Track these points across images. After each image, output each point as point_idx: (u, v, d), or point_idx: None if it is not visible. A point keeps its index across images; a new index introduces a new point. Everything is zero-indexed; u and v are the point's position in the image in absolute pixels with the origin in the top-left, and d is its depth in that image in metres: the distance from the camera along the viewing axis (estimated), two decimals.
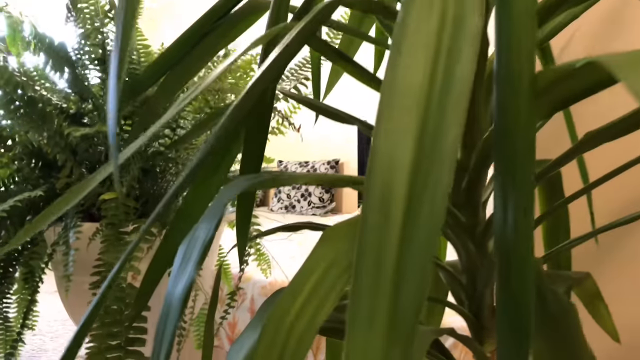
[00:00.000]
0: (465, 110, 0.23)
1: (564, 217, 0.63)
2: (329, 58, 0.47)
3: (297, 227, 0.45)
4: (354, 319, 0.21)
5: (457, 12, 0.25)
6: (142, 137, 0.36)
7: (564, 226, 0.63)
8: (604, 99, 0.58)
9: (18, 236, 0.34)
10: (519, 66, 0.28)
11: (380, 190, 0.23)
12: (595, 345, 0.72)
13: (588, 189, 0.55)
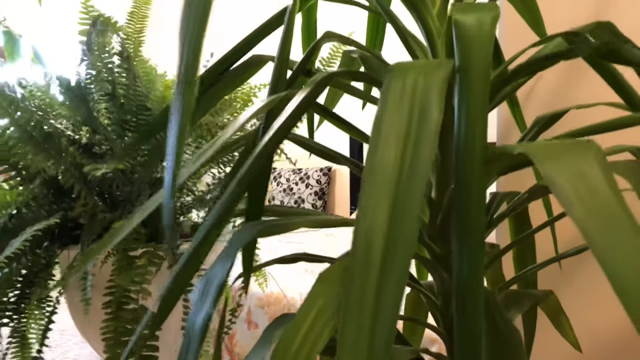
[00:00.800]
0: (425, 185, 0.31)
1: (530, 244, 0.71)
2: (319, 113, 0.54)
3: (294, 259, 0.52)
4: (343, 345, 0.28)
5: (422, 108, 0.33)
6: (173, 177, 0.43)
7: (531, 251, 0.71)
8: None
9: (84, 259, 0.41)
10: (473, 141, 0.36)
11: (364, 248, 0.30)
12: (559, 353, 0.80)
13: (551, 222, 0.63)
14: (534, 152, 0.30)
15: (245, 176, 0.40)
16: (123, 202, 0.80)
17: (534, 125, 0.59)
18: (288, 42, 0.52)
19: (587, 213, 0.27)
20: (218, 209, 0.41)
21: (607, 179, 0.28)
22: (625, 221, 0.26)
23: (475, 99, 0.36)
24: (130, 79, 0.81)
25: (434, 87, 0.34)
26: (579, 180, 0.28)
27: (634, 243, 0.25)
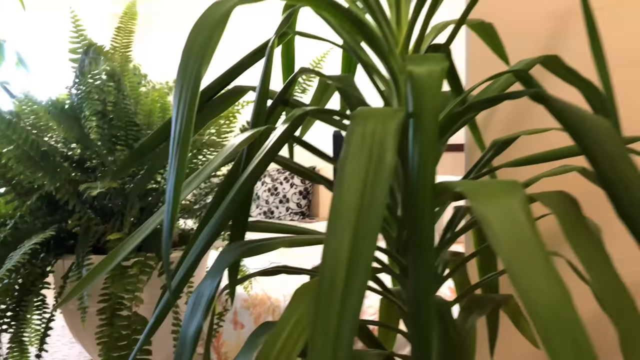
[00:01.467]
0: (382, 218, 0.37)
1: (492, 252, 0.78)
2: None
3: (275, 271, 0.58)
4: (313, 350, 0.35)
5: (379, 152, 0.39)
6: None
7: (493, 259, 0.78)
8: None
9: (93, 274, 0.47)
10: (424, 176, 0.42)
11: (330, 271, 0.36)
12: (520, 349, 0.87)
13: None
14: (469, 191, 0.37)
15: (230, 205, 0.46)
16: (115, 213, 0.85)
17: (490, 148, 0.66)
18: (267, 76, 0.58)
19: (509, 247, 0.33)
20: (206, 233, 0.47)
21: (528, 218, 0.35)
22: (539, 255, 0.33)
23: (426, 140, 0.42)
24: (120, 98, 0.86)
25: (389, 134, 0.40)
26: (504, 219, 0.35)
27: (544, 274, 0.32)
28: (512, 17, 0.91)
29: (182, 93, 0.31)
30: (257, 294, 1.47)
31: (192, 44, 0.32)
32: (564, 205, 0.42)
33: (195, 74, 0.31)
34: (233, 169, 0.60)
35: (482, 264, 0.80)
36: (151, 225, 0.49)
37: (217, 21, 0.33)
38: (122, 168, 0.69)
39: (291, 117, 0.52)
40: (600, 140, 0.41)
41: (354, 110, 0.68)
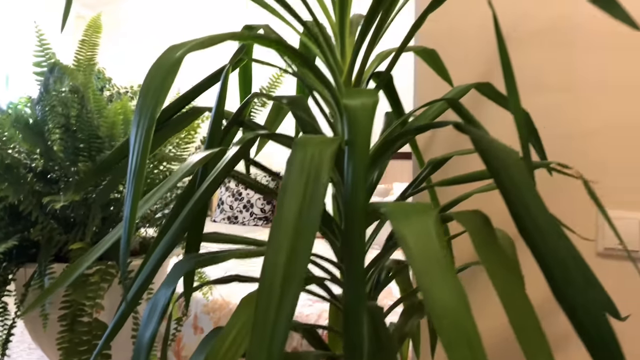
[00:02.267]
0: (316, 231, 0.43)
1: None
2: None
3: (229, 280, 0.63)
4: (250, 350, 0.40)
5: (315, 176, 0.45)
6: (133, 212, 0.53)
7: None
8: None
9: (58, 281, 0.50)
10: (356, 198, 0.48)
11: (268, 281, 0.41)
12: None
13: (449, 240, 0.77)
14: (391, 213, 0.43)
15: (185, 219, 0.51)
16: (78, 223, 0.88)
17: (427, 167, 0.73)
18: (222, 100, 0.63)
19: (420, 264, 0.39)
20: (163, 244, 0.51)
21: (438, 239, 0.41)
22: (445, 271, 0.39)
23: (358, 167, 0.48)
24: (83, 112, 0.89)
25: (325, 160, 0.46)
26: (418, 239, 0.41)
27: (448, 288, 0.38)
28: (457, 44, 0.99)
29: (138, 132, 0.36)
30: (217, 299, 1.51)
31: (147, 89, 0.37)
32: (477, 224, 0.48)
33: (149, 116, 0.36)
34: (190, 185, 0.65)
35: None
36: (112, 237, 0.53)
37: (169, 68, 0.38)
38: (84, 182, 0.73)
39: (242, 140, 0.57)
40: (508, 169, 0.47)
41: (306, 128, 0.74)
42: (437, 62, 0.92)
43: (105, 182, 0.87)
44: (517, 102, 0.52)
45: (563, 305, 0.44)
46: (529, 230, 0.45)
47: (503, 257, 0.47)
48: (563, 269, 0.44)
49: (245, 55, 0.71)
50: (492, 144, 0.49)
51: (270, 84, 1.01)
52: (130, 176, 0.36)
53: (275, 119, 0.81)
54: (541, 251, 0.44)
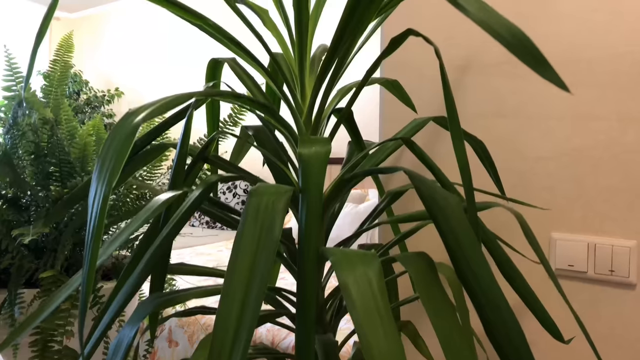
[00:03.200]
0: (267, 283, 0.46)
1: (394, 285, 0.89)
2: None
3: (192, 312, 0.66)
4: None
5: (269, 226, 0.48)
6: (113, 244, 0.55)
7: (394, 290, 0.89)
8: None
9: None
10: (309, 241, 0.51)
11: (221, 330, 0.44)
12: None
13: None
14: (336, 262, 0.46)
15: (147, 264, 0.53)
16: (48, 250, 0.90)
17: (385, 198, 0.76)
18: (186, 139, 0.66)
19: (360, 313, 0.43)
20: (128, 285, 0.54)
21: (379, 287, 0.44)
22: (383, 320, 0.43)
23: (310, 214, 0.51)
24: (54, 140, 0.90)
25: (278, 211, 0.49)
26: (359, 289, 0.44)
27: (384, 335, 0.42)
28: (418, 74, 1.03)
29: (95, 200, 0.38)
30: None
31: (105, 156, 0.39)
32: (419, 267, 0.52)
33: (106, 184, 0.38)
34: (154, 222, 0.67)
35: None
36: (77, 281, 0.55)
37: (127, 136, 0.40)
38: (53, 214, 0.75)
39: (205, 182, 0.60)
40: (447, 216, 0.51)
41: (269, 161, 0.76)
42: (400, 91, 0.96)
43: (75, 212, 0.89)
44: (462, 151, 0.56)
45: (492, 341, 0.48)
46: (464, 275, 0.49)
47: (443, 299, 0.50)
48: (495, 311, 0.48)
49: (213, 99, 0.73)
50: (432, 191, 0.53)
51: (237, 111, 1.04)
52: (89, 240, 0.38)
53: (240, 151, 0.84)
54: (477, 297, 0.48)
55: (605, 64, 0.86)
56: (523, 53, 0.51)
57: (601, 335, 0.86)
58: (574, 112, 0.88)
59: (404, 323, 0.87)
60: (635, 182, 0.84)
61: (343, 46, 0.63)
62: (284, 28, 0.65)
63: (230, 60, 0.80)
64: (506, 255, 0.64)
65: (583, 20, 0.88)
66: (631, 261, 0.84)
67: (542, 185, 0.91)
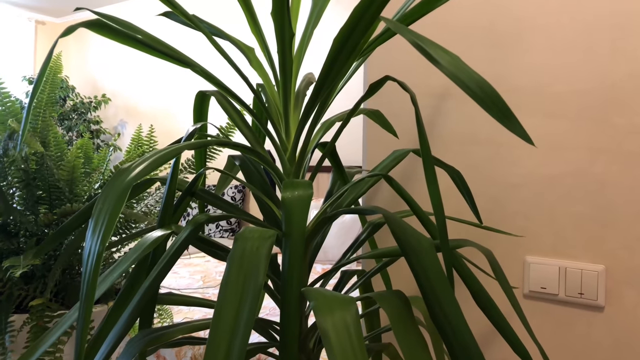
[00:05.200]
0: (251, 328, 0.49)
1: (376, 312, 0.92)
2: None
3: (179, 343, 0.68)
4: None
5: (251, 272, 0.51)
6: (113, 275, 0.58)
7: (376, 316, 0.93)
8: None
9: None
10: (292, 280, 0.54)
11: None
12: None
13: None
14: (316, 308, 0.50)
15: (137, 306, 0.56)
16: (38, 277, 0.92)
17: (366, 229, 0.80)
18: (174, 181, 0.69)
19: (338, 357, 0.46)
20: (119, 326, 0.57)
21: (355, 332, 0.47)
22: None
23: (292, 257, 0.55)
24: (43, 167, 0.93)
25: (262, 257, 0.52)
26: (337, 334, 0.47)
27: None
28: (401, 103, 1.07)
29: (89, 258, 0.41)
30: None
31: (99, 214, 0.42)
32: (395, 307, 0.55)
33: (100, 241, 0.41)
34: (142, 260, 0.70)
35: (369, 322, 0.94)
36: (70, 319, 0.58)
37: (120, 194, 0.43)
38: (45, 245, 0.77)
39: (194, 222, 0.63)
40: (419, 257, 0.55)
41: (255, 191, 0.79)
42: (382, 119, 1.00)
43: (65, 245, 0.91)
44: (436, 192, 0.59)
45: None
46: (436, 315, 0.52)
47: (416, 336, 0.54)
48: (464, 351, 0.51)
49: (200, 131, 0.76)
50: (406, 233, 0.56)
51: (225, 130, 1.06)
52: (83, 292, 0.41)
53: (225, 180, 0.87)
54: (447, 336, 0.52)
55: (576, 97, 0.90)
56: (491, 107, 0.54)
57: (571, 355, 0.90)
58: (544, 142, 0.93)
59: (385, 345, 0.90)
60: (603, 210, 0.88)
61: (326, 90, 0.67)
62: (269, 67, 0.68)
63: (217, 93, 0.83)
64: (480, 285, 0.68)
65: (556, 55, 0.92)
66: (599, 285, 0.88)
67: (516, 211, 0.95)
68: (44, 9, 5.55)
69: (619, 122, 0.87)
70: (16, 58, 5.40)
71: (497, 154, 0.97)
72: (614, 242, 0.88)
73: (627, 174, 0.86)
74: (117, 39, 0.62)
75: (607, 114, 0.88)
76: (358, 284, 0.84)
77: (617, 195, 0.87)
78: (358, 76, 3.29)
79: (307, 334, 0.73)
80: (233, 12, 4.08)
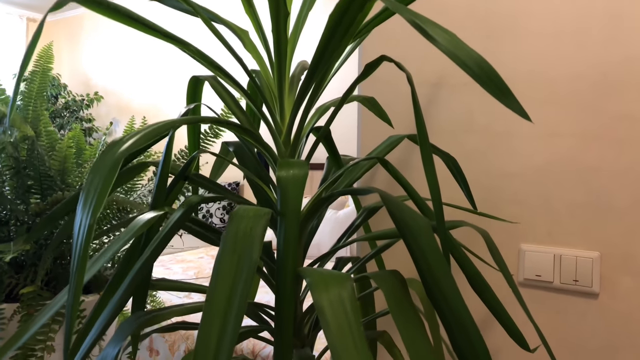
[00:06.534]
0: (245, 307, 0.48)
1: (370, 297, 0.91)
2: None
3: (174, 328, 0.67)
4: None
5: (245, 252, 0.50)
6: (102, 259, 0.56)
7: (371, 303, 0.92)
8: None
9: None
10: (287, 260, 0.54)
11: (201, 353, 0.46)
12: None
13: None
14: (312, 284, 0.49)
15: (132, 282, 0.55)
16: (29, 265, 0.91)
17: (361, 214, 0.79)
18: (167, 161, 0.68)
19: (334, 332, 0.45)
20: (111, 306, 0.56)
21: (352, 308, 0.47)
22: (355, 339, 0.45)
23: (287, 236, 0.54)
24: (34, 155, 0.91)
25: (256, 235, 0.51)
26: (333, 309, 0.47)
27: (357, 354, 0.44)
28: (394, 91, 1.06)
29: (80, 231, 0.40)
30: (172, 320, 1.54)
31: (89, 187, 0.41)
32: (391, 285, 0.55)
33: (91, 215, 0.40)
34: (135, 241, 0.69)
35: (364, 308, 0.93)
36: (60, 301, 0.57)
37: (111, 167, 0.42)
38: (36, 231, 0.75)
39: (187, 203, 0.62)
40: (416, 236, 0.54)
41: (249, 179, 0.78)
42: (377, 107, 0.99)
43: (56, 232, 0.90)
44: (432, 174, 0.59)
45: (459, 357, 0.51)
46: (434, 295, 0.52)
47: (413, 315, 0.53)
48: (461, 329, 0.51)
49: (193, 114, 0.75)
50: (403, 212, 0.56)
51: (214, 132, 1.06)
52: (73, 269, 0.40)
53: (219, 167, 0.86)
54: (445, 316, 0.51)
55: (568, 83, 0.90)
56: (488, 83, 0.54)
57: (566, 342, 0.90)
58: (538, 130, 0.93)
59: (379, 333, 0.90)
60: (597, 197, 0.88)
61: (320, 71, 0.66)
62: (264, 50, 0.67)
63: (211, 78, 0.82)
64: (476, 269, 0.67)
65: (548, 41, 0.92)
66: (594, 271, 0.88)
67: (511, 200, 0.95)
68: (36, 7, 5.51)
69: (613, 108, 0.87)
70: (7, 56, 5.35)
71: (492, 143, 0.97)
72: (609, 228, 0.88)
73: (622, 160, 0.86)
74: (111, 15, 0.61)
75: (601, 99, 0.88)
76: (353, 269, 0.83)
77: (612, 182, 0.87)
78: (353, 66, 3.29)
79: (302, 319, 0.73)
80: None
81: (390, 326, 1.04)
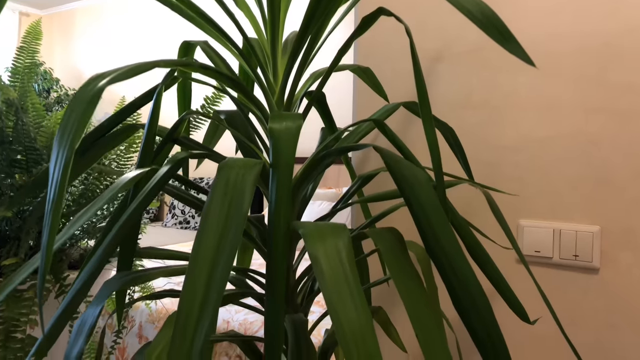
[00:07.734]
0: (233, 260, 0.45)
1: (365, 266, 0.89)
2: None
3: (162, 295, 0.64)
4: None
5: (237, 200, 0.47)
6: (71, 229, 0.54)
7: (366, 272, 0.89)
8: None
9: None
10: (279, 216, 0.51)
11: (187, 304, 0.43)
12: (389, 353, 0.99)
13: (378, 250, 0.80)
14: (306, 234, 0.46)
15: (115, 236, 0.52)
16: (12, 238, 0.87)
17: (355, 182, 0.77)
18: (155, 119, 0.65)
19: (329, 283, 0.42)
20: (94, 260, 0.53)
21: (348, 259, 0.44)
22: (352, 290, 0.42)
23: (280, 189, 0.51)
24: (19, 125, 0.88)
25: (247, 184, 0.48)
26: (328, 259, 0.44)
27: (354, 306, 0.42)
28: (391, 61, 1.04)
29: (57, 165, 0.37)
30: (160, 309, 1.51)
31: (67, 120, 0.38)
32: (389, 242, 0.52)
33: (68, 147, 0.37)
34: (123, 201, 0.66)
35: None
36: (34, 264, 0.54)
37: (90, 99, 0.39)
38: (17, 198, 0.72)
39: (174, 159, 0.59)
40: (415, 190, 0.52)
41: (242, 145, 0.76)
42: (372, 79, 0.97)
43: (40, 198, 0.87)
44: (431, 130, 0.56)
45: (462, 318, 0.48)
46: (433, 250, 0.49)
47: (412, 274, 0.51)
48: (463, 287, 0.48)
49: (182, 74, 0.72)
50: (401, 165, 0.53)
51: (211, 99, 1.03)
52: (49, 208, 0.37)
53: (213, 134, 0.83)
54: (445, 271, 0.49)
55: (570, 56, 0.88)
56: (492, 30, 0.52)
57: (566, 318, 0.88)
58: (539, 103, 0.90)
59: (375, 309, 0.87)
60: (598, 170, 0.86)
61: (314, 25, 0.63)
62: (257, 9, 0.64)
63: (203, 43, 0.79)
64: (476, 240, 0.65)
65: (550, 14, 0.90)
66: (594, 246, 0.86)
67: (510, 174, 0.93)
68: (28, 1, 5.45)
69: (615, 80, 0.85)
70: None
71: (491, 117, 0.95)
72: (610, 202, 0.85)
73: (623, 134, 0.84)
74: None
75: (602, 71, 0.86)
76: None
77: (613, 155, 0.85)
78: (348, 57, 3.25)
79: (295, 287, 0.70)
80: None
81: (386, 302, 1.01)
